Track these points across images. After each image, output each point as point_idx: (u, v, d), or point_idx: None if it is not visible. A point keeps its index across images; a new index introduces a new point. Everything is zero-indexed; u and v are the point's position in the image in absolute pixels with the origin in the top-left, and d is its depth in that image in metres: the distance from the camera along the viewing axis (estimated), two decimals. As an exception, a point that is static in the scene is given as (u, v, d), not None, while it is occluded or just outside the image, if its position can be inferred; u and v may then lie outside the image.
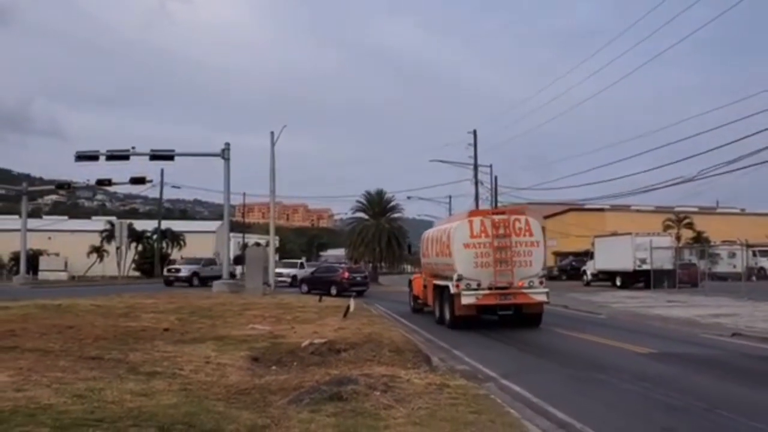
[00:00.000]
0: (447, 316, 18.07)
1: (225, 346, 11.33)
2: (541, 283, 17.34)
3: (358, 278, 35.02)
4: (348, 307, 17.56)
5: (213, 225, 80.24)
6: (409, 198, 70.27)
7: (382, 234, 51.30)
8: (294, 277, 41.51)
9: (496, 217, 17.53)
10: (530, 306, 17.49)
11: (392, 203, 55.97)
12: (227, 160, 33.74)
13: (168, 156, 34.97)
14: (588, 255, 43.84)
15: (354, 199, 57.85)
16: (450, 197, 69.96)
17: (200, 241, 71.41)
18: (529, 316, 17.73)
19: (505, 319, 18.10)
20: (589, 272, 43.04)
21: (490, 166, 51.37)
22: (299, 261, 50.89)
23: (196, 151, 38.49)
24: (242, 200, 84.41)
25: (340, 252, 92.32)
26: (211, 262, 47.10)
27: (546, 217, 65.04)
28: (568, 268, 53.41)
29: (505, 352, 13.24)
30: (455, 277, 17.24)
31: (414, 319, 20.86)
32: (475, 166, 51.32)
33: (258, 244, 75.56)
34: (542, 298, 17.37)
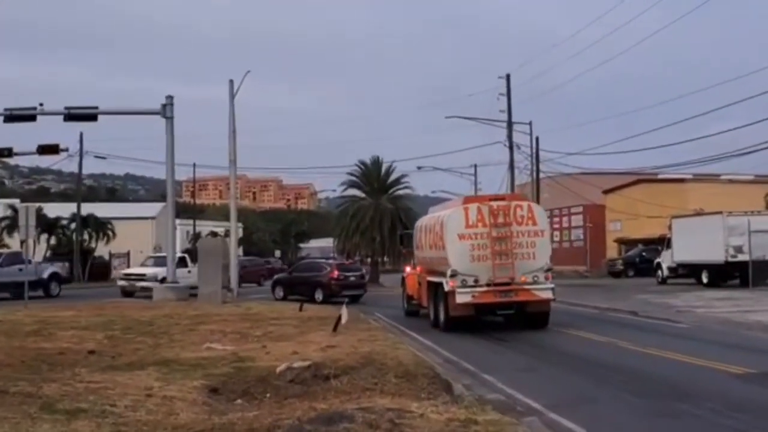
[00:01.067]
0: (441, 317, 21.04)
1: (172, 373, 11.40)
2: (547, 277, 20.19)
3: (352, 278, 35.15)
4: (339, 318, 17.65)
5: (153, 208, 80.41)
6: (419, 168, 68.72)
7: (383, 218, 51.36)
8: (163, 279, 35.39)
9: (495, 204, 20.37)
10: (534, 304, 20.32)
11: (397, 176, 56.00)
12: (170, 119, 33.67)
13: (89, 115, 34.84)
14: (663, 242, 43.93)
15: (345, 172, 57.84)
16: (475, 166, 70.05)
17: (135, 229, 71.62)
18: (533, 316, 20.68)
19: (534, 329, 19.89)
20: (664, 266, 43.18)
21: (530, 123, 51.40)
22: (181, 254, 42.63)
23: (128, 108, 38.44)
24: (192, 174, 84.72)
25: (327, 243, 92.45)
26: (13, 258, 37.40)
27: (606, 192, 65.25)
28: (637, 261, 53.65)
29: (550, 374, 13.34)
30: (449, 272, 20.07)
31: (411, 324, 22.57)
32: (509, 124, 51.25)
33: (214, 234, 75.77)
34: (548, 294, 20.24)
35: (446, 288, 20.17)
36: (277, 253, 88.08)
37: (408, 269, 28.09)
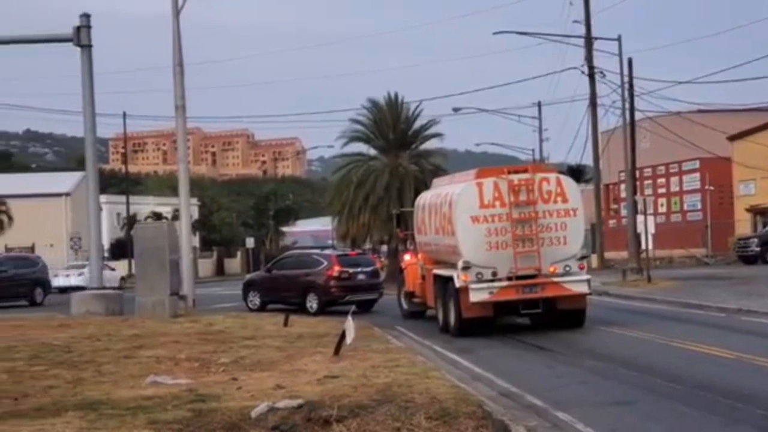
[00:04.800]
0: (452, 319, 23.71)
1: (102, 419, 11.47)
2: (581, 267, 23.27)
3: (361, 277, 35.14)
4: (343, 336, 17.68)
5: (67, 180, 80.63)
6: (456, 111, 67.85)
7: (404, 185, 51.40)
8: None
9: (515, 178, 23.06)
10: (567, 300, 23.26)
11: (423, 122, 55.90)
12: (87, 48, 33.63)
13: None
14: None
15: (346, 118, 57.67)
16: (539, 105, 69.94)
17: (42, 212, 71.90)
18: (566, 314, 23.69)
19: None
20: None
21: (618, 38, 51.07)
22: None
23: (25, 34, 38.33)
24: (122, 129, 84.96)
25: (323, 225, 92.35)
26: None
27: (733, 138, 64.82)
28: (781, 241, 53.48)
29: (657, 411, 13.32)
30: (460, 264, 22.62)
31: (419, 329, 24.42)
32: (588, 40, 51.03)
33: (158, 217, 75.99)
34: (583, 288, 23.20)
35: (457, 283, 22.73)
36: (250, 241, 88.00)
37: (407, 257, 30.46)
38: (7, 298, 43.69)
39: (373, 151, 55.82)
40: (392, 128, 54.73)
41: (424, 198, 28.38)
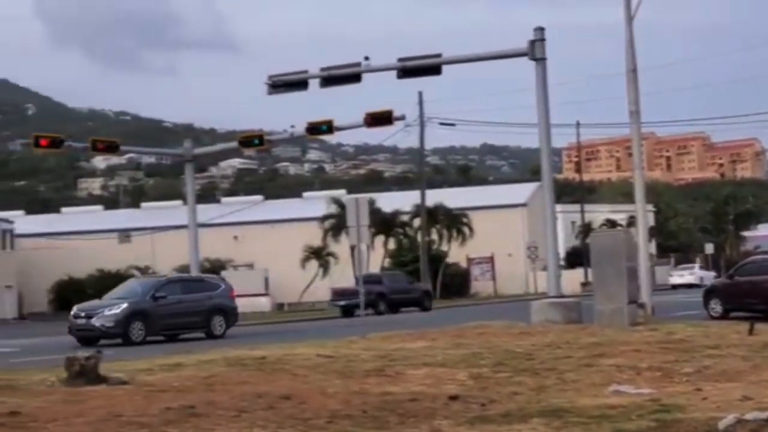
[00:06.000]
0: None
1: (567, 427, 11.62)
2: None
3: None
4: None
5: (522, 191, 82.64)
6: None
7: None
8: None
9: None
10: None
11: None
12: (541, 60, 34.20)
13: (431, 67, 36.42)
14: None
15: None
16: None
17: (499, 223, 74.13)
18: None
19: None
20: None
21: None
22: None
23: (483, 52, 39.58)
24: (575, 138, 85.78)
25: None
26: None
27: None
28: None
29: None
30: None
31: None
32: None
33: (612, 225, 76.16)
34: None
35: None
36: (708, 246, 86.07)
37: None
38: (174, 329, 37.28)
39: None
40: None
41: None
